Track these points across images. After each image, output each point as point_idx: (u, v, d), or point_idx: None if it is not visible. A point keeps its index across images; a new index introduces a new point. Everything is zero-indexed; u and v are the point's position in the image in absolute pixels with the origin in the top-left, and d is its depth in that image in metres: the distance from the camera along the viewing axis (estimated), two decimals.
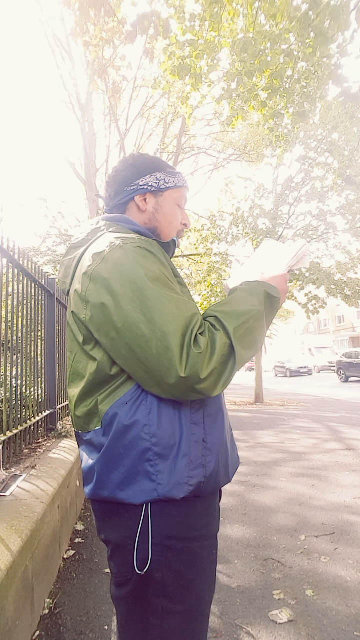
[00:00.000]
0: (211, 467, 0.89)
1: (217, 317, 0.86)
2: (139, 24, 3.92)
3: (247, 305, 0.89)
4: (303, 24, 3.43)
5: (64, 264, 1.03)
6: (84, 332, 0.90)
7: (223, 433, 0.94)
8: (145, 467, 0.84)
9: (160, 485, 0.84)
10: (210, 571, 0.92)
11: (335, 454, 4.93)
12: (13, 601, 1.45)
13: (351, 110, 6.73)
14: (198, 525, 0.89)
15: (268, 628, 1.77)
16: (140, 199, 1.05)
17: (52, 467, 2.53)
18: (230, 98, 4.90)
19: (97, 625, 1.81)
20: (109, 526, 0.90)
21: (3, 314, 2.63)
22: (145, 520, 0.85)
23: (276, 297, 0.94)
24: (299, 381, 20.86)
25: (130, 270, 0.83)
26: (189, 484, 0.85)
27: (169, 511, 0.85)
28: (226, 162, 15.08)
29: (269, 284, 0.96)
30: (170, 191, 1.07)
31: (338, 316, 38.63)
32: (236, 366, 0.84)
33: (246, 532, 2.80)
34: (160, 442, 0.84)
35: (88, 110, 10.59)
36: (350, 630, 1.74)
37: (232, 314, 0.86)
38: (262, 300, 0.91)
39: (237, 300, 0.90)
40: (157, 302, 0.80)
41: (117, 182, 1.06)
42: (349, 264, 11.05)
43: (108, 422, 0.87)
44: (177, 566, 0.85)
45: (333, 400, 11.52)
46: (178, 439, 0.86)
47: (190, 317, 0.82)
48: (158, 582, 0.85)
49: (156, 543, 0.85)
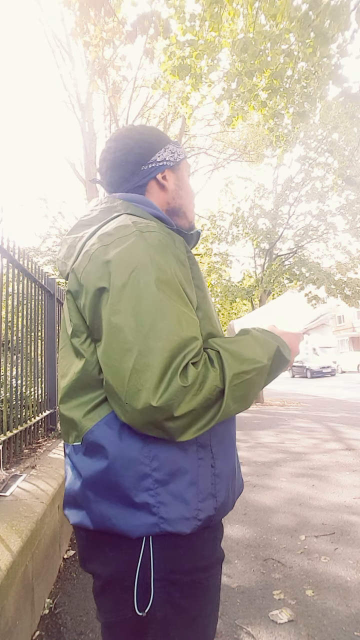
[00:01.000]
0: (222, 498, 0.77)
1: (219, 353, 0.71)
2: (139, 24, 3.93)
3: (255, 355, 0.75)
4: (303, 24, 3.43)
5: (67, 242, 0.89)
6: (75, 320, 0.78)
7: (232, 457, 0.82)
8: (143, 498, 0.70)
9: (162, 519, 0.70)
10: (215, 601, 0.81)
11: (335, 454, 4.92)
12: (13, 601, 1.45)
13: (351, 110, 6.73)
14: (206, 553, 0.77)
15: (268, 628, 1.77)
16: (161, 176, 0.93)
17: (52, 467, 2.53)
18: (230, 98, 4.90)
19: (97, 625, 1.81)
20: (98, 558, 0.76)
21: (3, 314, 2.63)
22: (146, 554, 0.72)
23: (286, 358, 0.80)
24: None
25: (138, 261, 0.70)
26: (197, 519, 0.72)
27: (174, 542, 0.73)
28: (226, 162, 15.08)
29: (283, 341, 0.81)
30: (183, 163, 0.97)
31: (338, 316, 38.64)
32: (218, 417, 0.69)
33: (246, 532, 2.80)
34: (162, 467, 0.71)
35: (88, 110, 10.59)
36: (350, 630, 1.74)
37: (237, 357, 0.72)
38: (272, 356, 0.77)
39: (246, 345, 0.76)
40: (156, 310, 0.67)
41: (130, 162, 0.91)
42: (349, 264, 11.07)
43: (91, 441, 0.73)
44: (181, 602, 0.73)
45: (333, 400, 11.52)
46: (183, 463, 0.72)
47: (187, 340, 0.67)
48: (160, 622, 0.72)
49: (159, 578, 0.72)
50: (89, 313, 0.74)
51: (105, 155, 0.95)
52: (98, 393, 0.75)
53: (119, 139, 0.94)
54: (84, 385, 0.76)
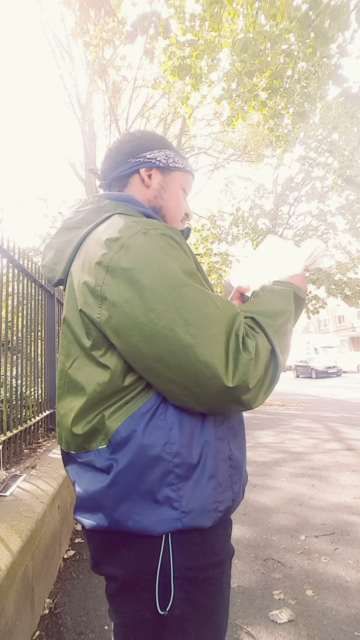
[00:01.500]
0: (237, 488, 0.80)
1: (254, 318, 0.76)
2: (139, 24, 3.93)
3: (281, 306, 0.81)
4: (303, 24, 3.44)
5: (53, 246, 0.88)
6: (95, 334, 0.75)
7: (244, 447, 0.85)
8: (166, 493, 0.71)
9: (184, 513, 0.71)
10: (227, 596, 0.82)
11: (335, 454, 4.93)
12: (13, 601, 1.45)
13: (351, 110, 6.73)
14: (218, 549, 0.79)
15: (268, 628, 1.77)
16: (146, 172, 0.93)
17: (52, 467, 2.53)
18: (230, 98, 4.91)
19: (97, 625, 1.81)
20: (114, 560, 0.76)
21: (3, 314, 2.63)
22: (166, 551, 0.72)
23: (302, 298, 0.87)
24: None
25: (158, 260, 0.70)
26: (217, 510, 0.74)
27: (192, 539, 0.74)
28: (226, 162, 15.09)
29: (296, 285, 0.88)
30: (178, 172, 0.97)
31: (338, 316, 38.64)
32: (277, 372, 0.74)
33: (246, 532, 2.80)
34: (184, 463, 0.72)
35: (88, 110, 10.60)
36: (350, 630, 1.74)
37: (269, 315, 0.77)
38: (292, 301, 0.84)
39: (269, 301, 0.82)
40: (196, 300, 0.68)
41: (121, 152, 0.94)
42: (349, 264, 11.07)
43: (119, 441, 0.73)
44: (198, 599, 0.74)
45: (333, 400, 11.52)
46: (204, 457, 0.74)
47: (233, 318, 0.71)
48: (177, 618, 0.73)
49: (178, 577, 0.72)
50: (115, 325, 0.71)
51: (107, 151, 0.98)
52: (120, 396, 0.75)
53: (123, 135, 0.98)
54: (110, 393, 0.75)
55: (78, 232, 0.84)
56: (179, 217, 0.98)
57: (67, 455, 0.82)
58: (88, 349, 0.76)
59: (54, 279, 0.88)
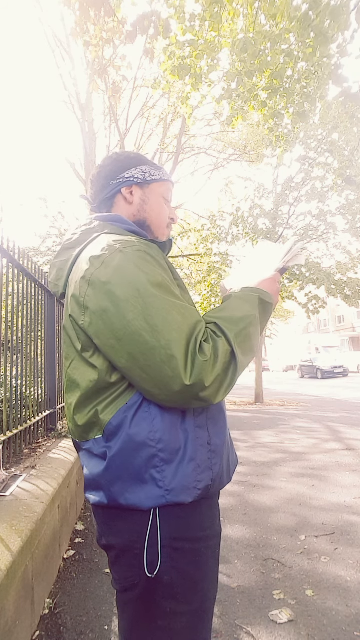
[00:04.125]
0: (217, 469, 0.89)
1: (216, 323, 0.86)
2: (139, 24, 3.93)
3: (244, 312, 0.89)
4: (303, 24, 3.43)
5: (56, 265, 1.01)
6: (83, 338, 0.88)
7: (225, 434, 0.94)
8: (152, 474, 0.83)
9: (167, 491, 0.83)
10: (214, 570, 0.93)
11: (335, 454, 4.93)
12: (13, 601, 1.45)
13: (351, 110, 6.72)
14: (204, 525, 0.90)
15: (268, 628, 1.77)
16: (127, 191, 1.05)
17: (52, 467, 2.53)
18: (230, 98, 4.90)
19: (97, 625, 1.81)
20: (113, 531, 0.89)
21: (3, 314, 2.63)
22: (154, 524, 0.84)
23: (269, 303, 0.95)
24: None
25: (131, 275, 0.81)
26: (197, 488, 0.85)
27: (176, 513, 0.85)
28: (226, 162, 15.07)
29: (261, 290, 0.96)
30: (156, 184, 1.07)
31: (338, 316, 38.63)
32: (237, 372, 0.84)
33: (246, 532, 2.80)
34: (166, 448, 0.83)
35: (88, 110, 10.59)
36: (350, 630, 1.74)
37: (231, 320, 0.87)
38: (256, 305, 0.92)
39: (233, 307, 0.91)
40: (161, 309, 0.79)
41: (102, 177, 1.06)
42: (349, 264, 11.06)
43: (111, 431, 0.85)
44: (185, 567, 0.85)
45: (333, 400, 11.52)
46: (184, 443, 0.85)
47: (194, 324, 0.81)
48: (167, 585, 0.84)
49: (165, 545, 0.84)
50: (95, 330, 0.84)
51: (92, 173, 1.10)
52: (111, 391, 0.87)
53: (103, 160, 1.09)
54: (99, 389, 0.87)
55: (73, 251, 0.96)
56: (163, 224, 1.09)
57: (76, 442, 0.96)
58: (80, 351, 0.89)
59: (57, 293, 1.02)
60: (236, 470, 4.27)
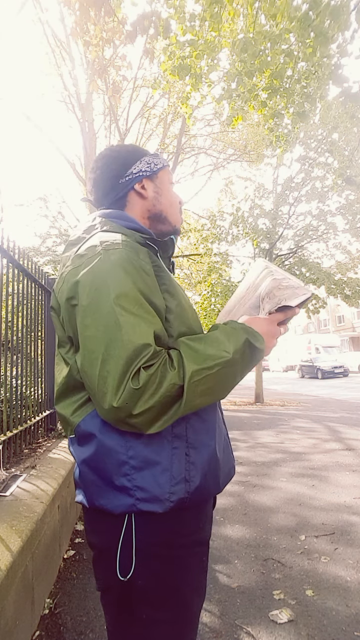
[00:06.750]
0: (196, 482, 0.84)
1: (180, 352, 0.78)
2: (139, 24, 3.93)
3: (219, 350, 0.80)
4: (303, 24, 3.43)
5: (62, 261, 0.99)
6: (59, 333, 0.90)
7: (211, 446, 0.88)
8: (122, 482, 0.81)
9: (138, 500, 0.80)
10: (199, 579, 0.89)
11: (335, 454, 4.93)
12: (13, 601, 1.45)
13: (351, 110, 6.73)
14: (186, 532, 0.86)
15: (268, 628, 1.77)
16: (139, 186, 1.01)
17: (52, 467, 2.53)
18: (230, 98, 4.90)
19: (97, 625, 1.81)
20: (95, 531, 0.89)
21: (3, 314, 2.63)
22: (129, 528, 0.82)
23: (258, 348, 0.85)
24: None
25: (99, 282, 0.79)
26: (169, 500, 0.81)
27: (154, 519, 0.82)
28: (226, 162, 15.08)
29: (253, 331, 0.86)
30: (161, 172, 1.05)
31: (338, 316, 38.63)
32: (181, 410, 0.77)
33: (246, 532, 2.80)
34: (137, 455, 0.81)
35: (88, 110, 10.59)
36: (350, 630, 1.74)
37: (197, 354, 0.78)
38: (239, 348, 0.82)
39: (211, 341, 0.82)
40: (113, 324, 0.75)
41: (107, 178, 1.01)
42: (349, 264, 11.07)
43: (81, 434, 0.85)
44: (160, 573, 0.82)
45: (333, 400, 11.52)
46: (158, 452, 0.82)
47: (140, 347, 0.74)
48: (140, 590, 0.81)
49: (140, 549, 0.81)
50: (67, 327, 0.86)
51: (90, 176, 1.05)
52: (82, 394, 0.86)
53: (99, 159, 1.04)
54: (71, 387, 0.87)
55: (74, 248, 0.95)
56: (177, 211, 1.07)
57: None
58: (57, 346, 0.92)
59: None
60: (236, 470, 4.26)
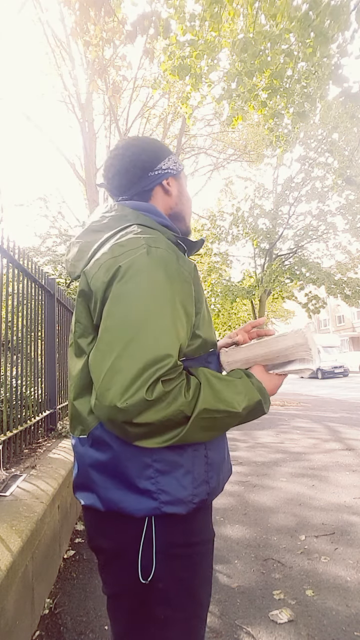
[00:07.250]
0: (213, 483, 0.87)
1: (201, 385, 0.78)
2: (139, 24, 3.93)
3: (233, 401, 0.80)
4: (303, 24, 3.44)
5: (77, 245, 0.95)
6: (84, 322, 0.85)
7: (223, 447, 0.92)
8: (145, 485, 0.80)
9: (162, 503, 0.80)
10: (208, 575, 0.91)
11: (335, 454, 4.92)
12: (13, 601, 1.45)
13: (351, 110, 6.73)
14: (198, 531, 0.88)
15: (268, 628, 1.77)
16: (166, 182, 1.02)
17: (52, 467, 2.53)
18: (230, 98, 4.90)
19: (97, 625, 1.81)
20: (104, 534, 0.86)
21: (3, 314, 2.63)
22: (149, 530, 0.81)
23: (264, 411, 0.87)
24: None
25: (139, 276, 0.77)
26: (192, 502, 0.83)
27: (173, 521, 0.82)
28: (226, 162, 15.08)
29: (266, 394, 0.88)
30: (182, 173, 1.07)
31: (338, 316, 38.63)
32: (179, 439, 0.76)
33: (246, 532, 2.80)
34: (161, 459, 0.80)
35: (88, 110, 10.60)
36: (350, 630, 1.74)
37: (214, 394, 0.78)
38: (249, 405, 0.83)
39: (231, 387, 0.82)
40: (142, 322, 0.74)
41: (138, 167, 0.98)
42: (349, 264, 11.08)
43: (98, 435, 0.82)
44: (179, 573, 0.83)
45: (333, 400, 11.52)
46: (180, 455, 0.82)
47: (162, 356, 0.72)
48: (161, 591, 0.81)
49: (160, 551, 0.81)
50: (97, 316, 0.81)
51: (112, 162, 1.01)
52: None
53: (127, 147, 1.01)
54: (89, 383, 0.82)
55: (100, 235, 0.91)
56: (191, 212, 1.09)
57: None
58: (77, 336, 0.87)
59: (74, 273, 0.93)
60: (236, 471, 4.28)
